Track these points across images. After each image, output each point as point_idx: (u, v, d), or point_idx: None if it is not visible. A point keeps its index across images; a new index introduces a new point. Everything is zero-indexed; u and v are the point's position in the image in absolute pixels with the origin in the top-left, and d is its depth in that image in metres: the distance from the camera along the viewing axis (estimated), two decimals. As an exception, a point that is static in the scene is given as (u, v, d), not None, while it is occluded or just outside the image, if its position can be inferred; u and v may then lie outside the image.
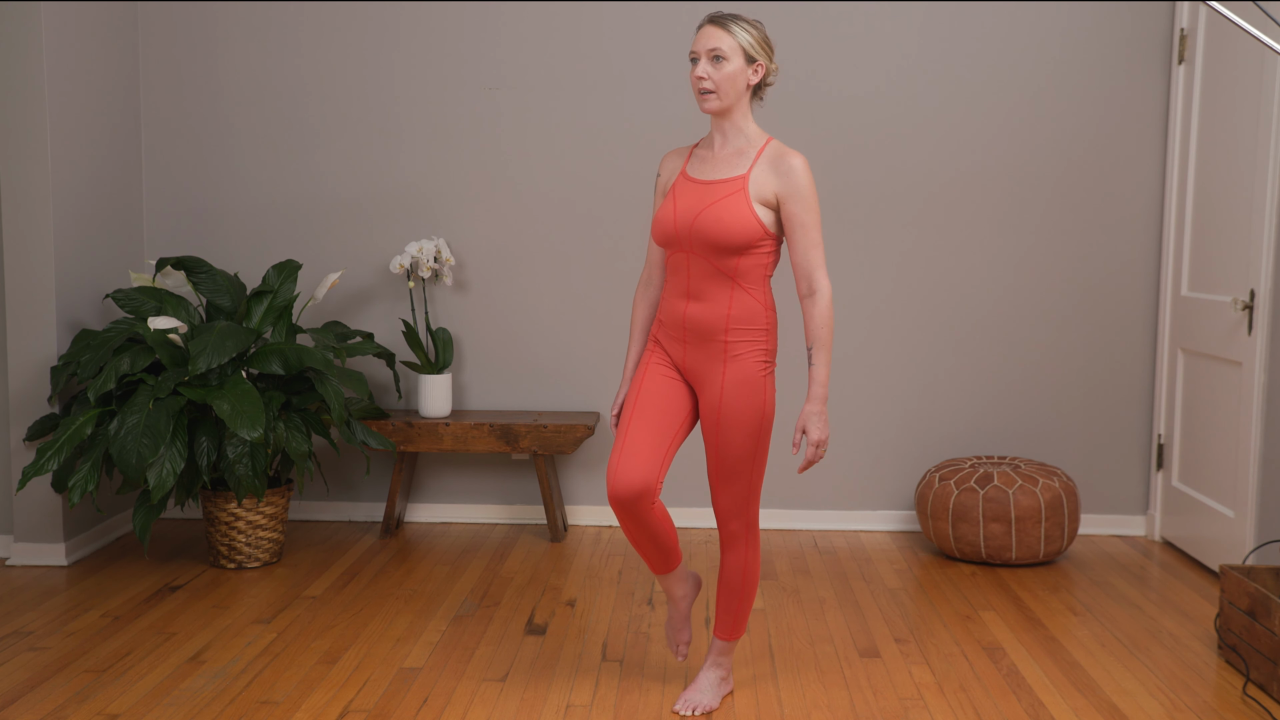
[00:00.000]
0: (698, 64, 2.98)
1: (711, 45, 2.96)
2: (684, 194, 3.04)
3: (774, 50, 3.06)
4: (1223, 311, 4.40)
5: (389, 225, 5.09)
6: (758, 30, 3.01)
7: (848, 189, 4.98)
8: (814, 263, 2.98)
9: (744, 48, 2.97)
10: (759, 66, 2.99)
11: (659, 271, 3.22)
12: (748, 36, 2.97)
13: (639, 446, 3.01)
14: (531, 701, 3.23)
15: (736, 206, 2.95)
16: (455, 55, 5.01)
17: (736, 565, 3.13)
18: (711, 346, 3.03)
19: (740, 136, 3.04)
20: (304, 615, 3.93)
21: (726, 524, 3.10)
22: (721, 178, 3.01)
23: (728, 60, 2.96)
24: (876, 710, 3.20)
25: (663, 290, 3.15)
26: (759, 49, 2.99)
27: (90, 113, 4.66)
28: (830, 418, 5.05)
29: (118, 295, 4.40)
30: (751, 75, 2.99)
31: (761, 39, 3.00)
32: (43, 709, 3.15)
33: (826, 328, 2.98)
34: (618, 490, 2.98)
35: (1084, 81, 4.89)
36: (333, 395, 4.34)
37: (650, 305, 3.24)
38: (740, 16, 3.01)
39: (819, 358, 2.97)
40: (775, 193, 2.98)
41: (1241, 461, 4.22)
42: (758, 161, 3.00)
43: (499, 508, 5.17)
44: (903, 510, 5.10)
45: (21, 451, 4.46)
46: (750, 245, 2.96)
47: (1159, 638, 3.78)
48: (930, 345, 5.03)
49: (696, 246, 2.99)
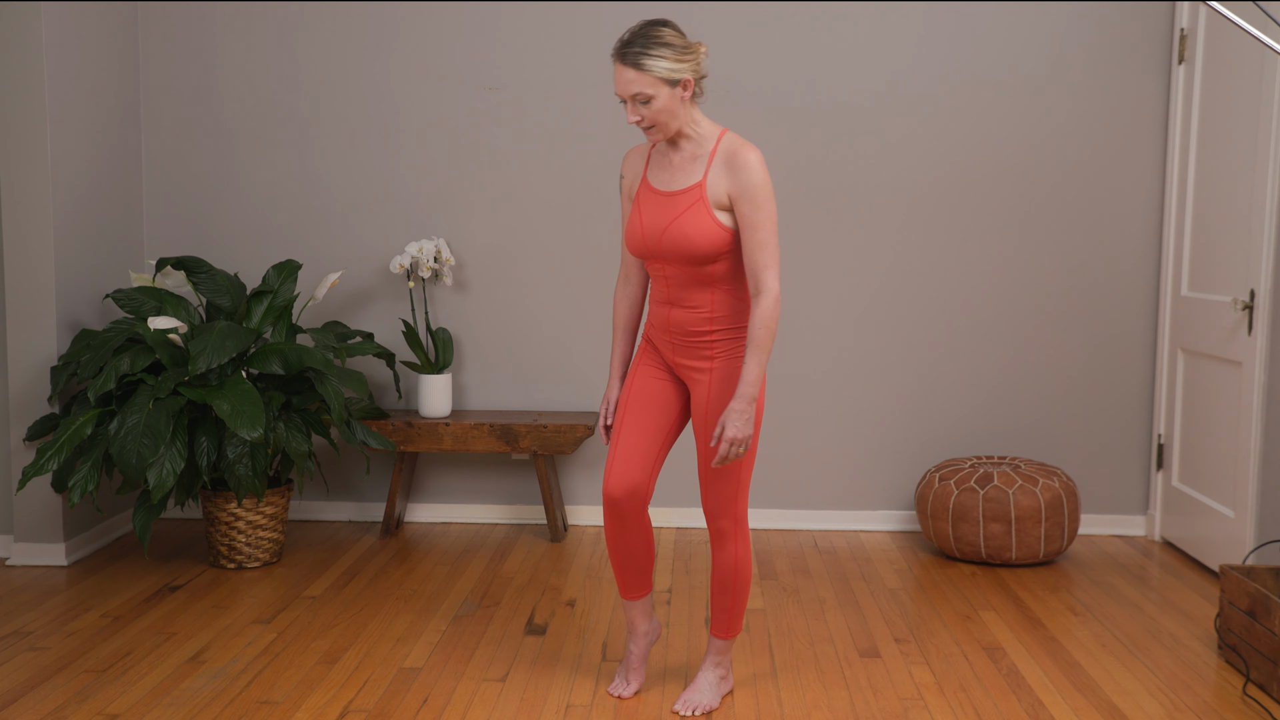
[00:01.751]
0: (628, 105, 2.91)
1: (633, 90, 2.87)
2: (648, 207, 3.02)
3: (695, 51, 2.91)
4: (1223, 311, 4.40)
5: (389, 225, 5.09)
6: (671, 46, 2.86)
7: (848, 190, 4.98)
8: (762, 263, 2.91)
9: (664, 77, 2.85)
10: (686, 81, 2.88)
11: (636, 270, 3.21)
12: (663, 64, 2.85)
13: (633, 448, 3.08)
14: (531, 701, 3.23)
15: (698, 219, 2.94)
16: (455, 55, 5.01)
17: (727, 562, 3.13)
18: (699, 346, 3.05)
19: (693, 142, 2.99)
20: (304, 615, 3.93)
21: (715, 521, 3.10)
22: (680, 188, 2.98)
23: (654, 97, 2.87)
24: (876, 710, 3.20)
25: (648, 293, 3.15)
26: (679, 66, 2.86)
27: (90, 113, 4.67)
28: (831, 417, 5.06)
29: (118, 295, 4.40)
30: (683, 93, 2.90)
31: (678, 53, 2.87)
32: (43, 709, 3.15)
33: (765, 329, 2.91)
34: (612, 490, 3.06)
35: (1084, 81, 4.90)
36: (333, 395, 4.34)
37: (630, 303, 3.22)
38: (650, 37, 2.86)
39: (752, 358, 2.91)
40: (727, 193, 2.94)
41: (1241, 461, 4.22)
42: (712, 163, 2.96)
43: (499, 508, 5.17)
44: (903, 510, 5.10)
45: (21, 451, 4.46)
46: (721, 252, 2.97)
47: (1159, 638, 3.78)
48: (930, 345, 5.03)
49: (670, 258, 3.00)
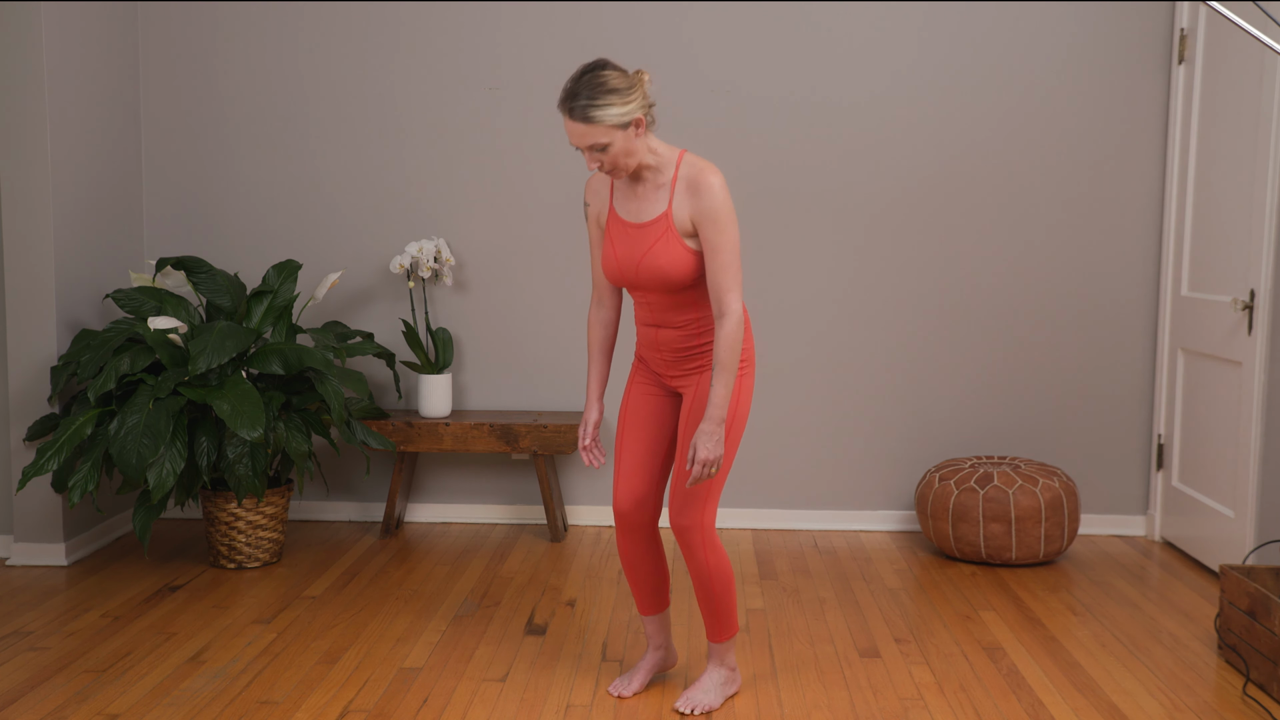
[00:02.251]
0: (583, 154, 2.91)
1: (586, 142, 2.86)
2: (619, 239, 3.03)
3: (639, 87, 2.87)
4: (1223, 311, 4.40)
5: (389, 225, 5.09)
6: (616, 91, 2.83)
7: (849, 191, 4.98)
8: (724, 285, 2.92)
9: (615, 124, 2.84)
10: (637, 120, 2.87)
11: (608, 294, 3.21)
12: (612, 111, 2.83)
13: (637, 462, 3.14)
14: (531, 701, 3.23)
15: (669, 250, 2.95)
16: (455, 55, 5.01)
17: (700, 571, 3.12)
18: (688, 359, 3.10)
19: (654, 170, 2.99)
20: (304, 615, 3.93)
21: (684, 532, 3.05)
22: (648, 219, 2.98)
23: (609, 143, 2.86)
24: (876, 710, 3.20)
25: (633, 314, 3.17)
26: (628, 110, 2.84)
27: (90, 113, 4.66)
28: (831, 417, 5.06)
29: (118, 295, 4.40)
30: (635, 131, 2.88)
31: (624, 98, 2.84)
32: (43, 709, 3.15)
33: (730, 351, 2.93)
34: (621, 502, 3.12)
35: (1084, 81, 4.90)
36: (333, 395, 4.34)
37: (604, 325, 3.23)
38: (595, 87, 2.83)
39: (719, 380, 2.93)
40: (690, 217, 2.95)
41: (1241, 461, 4.22)
42: (675, 190, 2.96)
43: (499, 508, 5.16)
44: (903, 510, 5.10)
45: (21, 451, 4.46)
46: (696, 277, 2.99)
47: (1159, 638, 3.78)
48: (930, 345, 5.03)
49: (648, 287, 3.03)
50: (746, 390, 3.08)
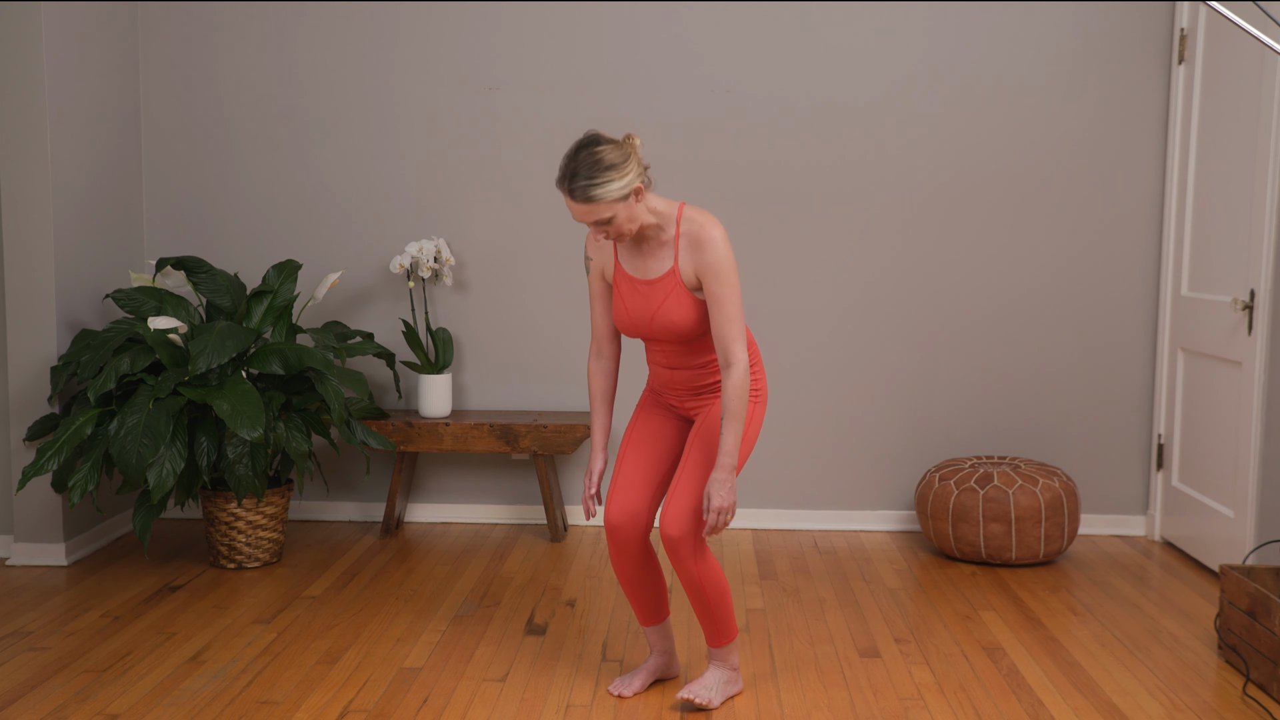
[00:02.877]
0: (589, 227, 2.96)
1: (590, 220, 2.90)
2: (629, 294, 3.08)
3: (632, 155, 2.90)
4: (1223, 311, 4.40)
5: (389, 225, 5.09)
6: (613, 167, 2.86)
7: (849, 191, 4.98)
8: (730, 336, 2.97)
9: (616, 199, 2.88)
10: (637, 189, 2.90)
11: (608, 344, 3.25)
12: (612, 187, 2.86)
13: (633, 477, 3.15)
14: (531, 701, 3.23)
15: (681, 305, 3.02)
16: (455, 55, 5.01)
17: (692, 582, 3.11)
18: (704, 393, 3.16)
19: (654, 229, 3.03)
20: (304, 615, 3.93)
21: (674, 544, 3.04)
22: (655, 276, 3.04)
23: (613, 215, 2.90)
24: (876, 710, 3.20)
25: (647, 357, 3.23)
26: (627, 182, 2.88)
27: (90, 113, 4.66)
28: (831, 417, 5.06)
29: (118, 295, 4.40)
30: (635, 199, 2.92)
31: (621, 172, 2.87)
32: (43, 709, 3.15)
33: (739, 400, 2.96)
34: (612, 516, 3.12)
35: (1084, 81, 4.89)
36: (333, 395, 4.34)
37: (605, 376, 3.25)
38: (593, 165, 2.85)
39: (729, 429, 2.97)
40: (694, 272, 3.00)
41: (1241, 461, 4.22)
42: (679, 246, 3.01)
43: (499, 508, 5.16)
44: (903, 510, 5.10)
45: (21, 451, 4.46)
46: (708, 327, 3.06)
47: (1159, 638, 3.78)
48: (930, 345, 5.03)
49: (662, 339, 3.10)
50: (756, 419, 3.15)
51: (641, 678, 3.29)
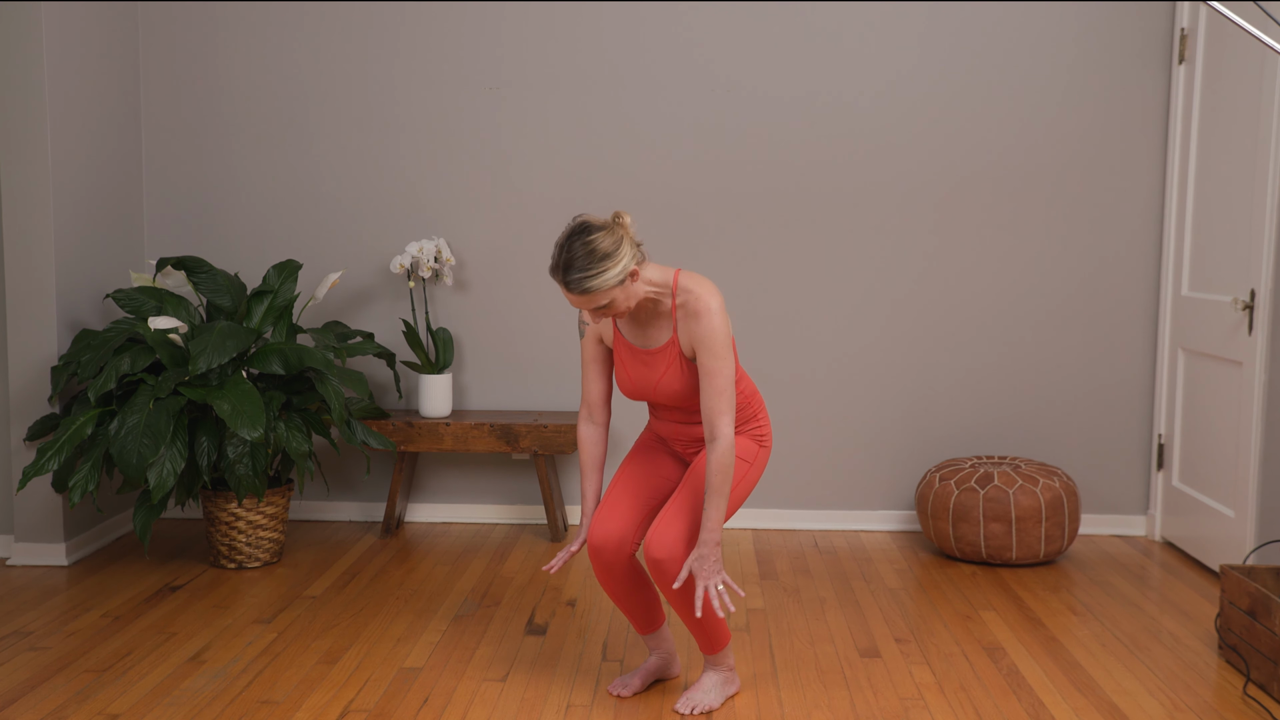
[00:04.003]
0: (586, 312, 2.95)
1: (589, 308, 2.89)
2: (630, 363, 3.09)
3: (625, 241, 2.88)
4: (1223, 311, 4.40)
5: (389, 225, 5.09)
6: (607, 256, 2.85)
7: (849, 192, 4.98)
8: (717, 409, 2.94)
9: (612, 286, 2.86)
10: (632, 272, 2.89)
11: (599, 410, 3.22)
12: (609, 277, 2.85)
13: (619, 500, 3.15)
14: (532, 701, 3.23)
15: (682, 375, 3.03)
16: (455, 55, 5.01)
17: (676, 603, 3.10)
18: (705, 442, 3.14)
19: (650, 301, 3.02)
20: (304, 615, 3.93)
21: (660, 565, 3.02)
22: (655, 347, 3.04)
23: (612, 300, 2.89)
24: (877, 710, 3.20)
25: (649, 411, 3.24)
26: (622, 269, 2.86)
27: (90, 113, 4.66)
28: (831, 417, 5.06)
29: (118, 295, 4.40)
30: (631, 280, 2.90)
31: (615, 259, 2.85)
32: (43, 709, 3.15)
33: (723, 475, 2.94)
34: (594, 538, 3.13)
35: (1084, 81, 4.90)
36: (333, 395, 4.34)
37: (595, 442, 3.23)
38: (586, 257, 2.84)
39: (712, 505, 2.94)
40: (689, 344, 2.99)
41: (1241, 461, 4.22)
42: (677, 317, 2.99)
43: (499, 508, 5.16)
44: (903, 510, 5.10)
45: (22, 451, 4.46)
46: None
47: (1159, 638, 3.78)
48: (931, 345, 5.03)
49: (666, 404, 3.12)
50: (761, 462, 3.16)
51: (641, 678, 3.29)
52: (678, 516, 3.03)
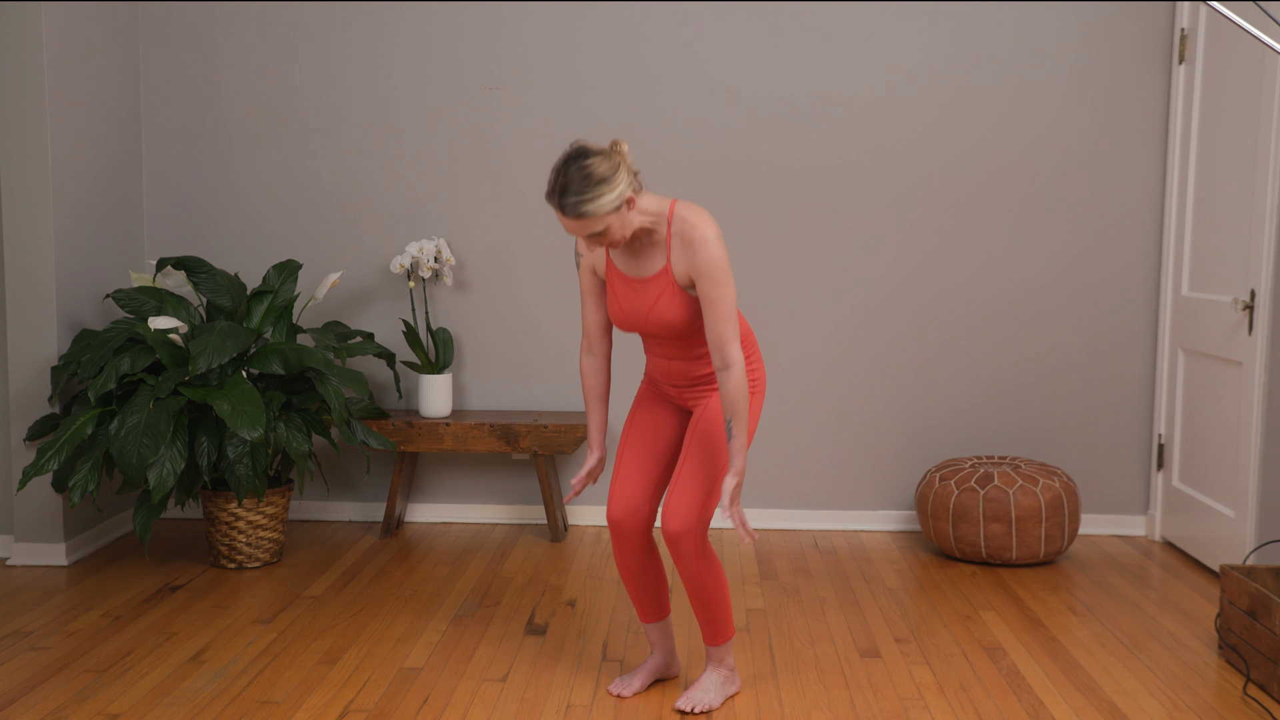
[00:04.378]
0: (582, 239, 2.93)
1: (584, 234, 2.86)
2: (622, 292, 3.06)
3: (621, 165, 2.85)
4: (1223, 311, 4.40)
5: (389, 225, 5.09)
6: (604, 181, 2.82)
7: (849, 191, 4.98)
8: (725, 337, 2.93)
9: (608, 212, 2.84)
10: (629, 198, 2.86)
11: (599, 341, 3.23)
12: (604, 202, 2.82)
13: (633, 471, 3.16)
14: (532, 701, 3.23)
15: (674, 304, 2.99)
16: (455, 55, 5.01)
17: (693, 578, 3.11)
18: (701, 382, 3.15)
19: (646, 231, 3.00)
20: (304, 615, 3.93)
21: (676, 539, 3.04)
22: (648, 275, 3.01)
23: (607, 227, 2.87)
24: (877, 710, 3.20)
25: (644, 347, 3.20)
26: (619, 194, 2.83)
27: (90, 113, 4.66)
28: (832, 417, 5.06)
29: (118, 295, 4.40)
30: (628, 208, 2.88)
31: (611, 184, 2.82)
32: (43, 709, 3.15)
33: (741, 399, 2.94)
34: (613, 511, 3.13)
35: (1084, 81, 4.90)
36: (333, 395, 4.34)
37: (597, 373, 3.24)
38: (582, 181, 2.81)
39: (737, 427, 2.95)
40: (687, 272, 2.97)
41: (1242, 461, 4.22)
42: (671, 245, 2.97)
43: (499, 508, 5.16)
44: (903, 510, 5.10)
45: (22, 451, 4.46)
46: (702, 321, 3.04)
47: (1159, 638, 3.78)
48: (931, 345, 5.03)
49: (657, 335, 3.08)
50: (756, 409, 3.15)
51: (641, 678, 3.29)
52: (687, 485, 3.05)
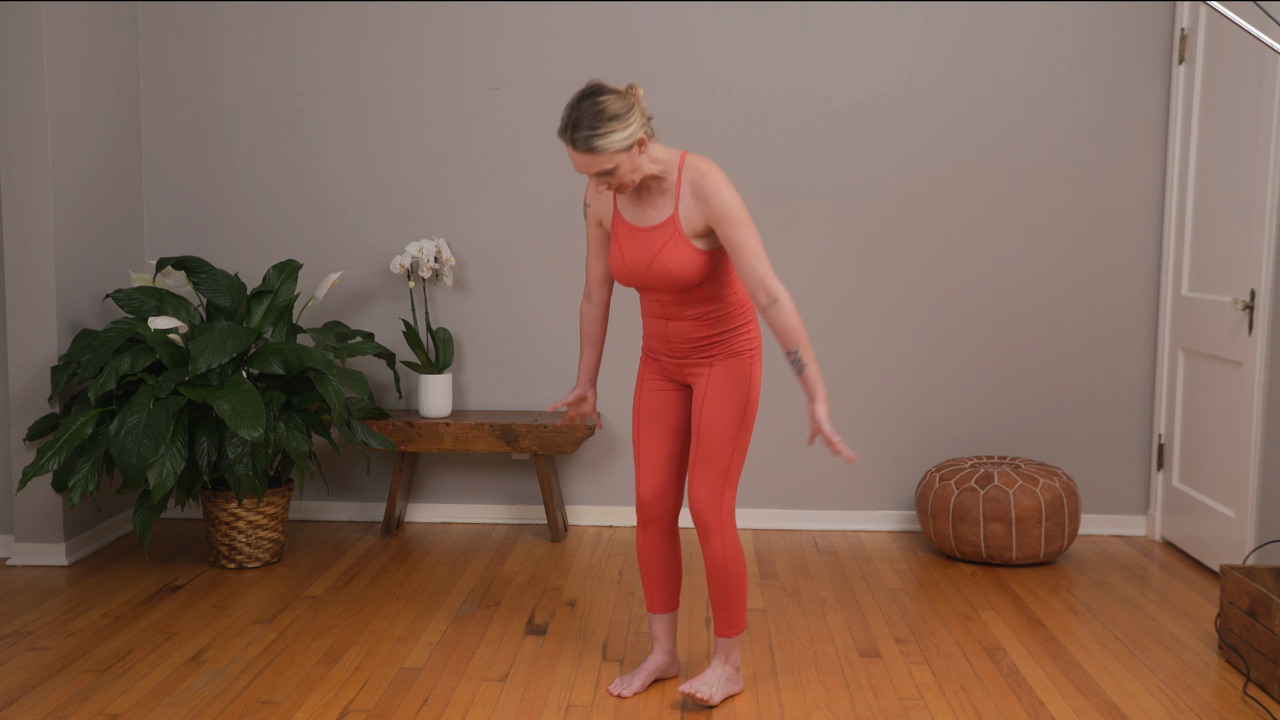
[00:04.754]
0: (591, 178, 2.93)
1: (593, 170, 2.88)
2: (626, 242, 3.06)
3: (636, 106, 2.88)
4: (1223, 311, 4.40)
5: (389, 225, 5.09)
6: (616, 118, 2.84)
7: (848, 190, 4.98)
8: (761, 274, 2.94)
9: (619, 150, 2.85)
10: (640, 140, 2.88)
11: (599, 290, 3.27)
12: (615, 139, 2.84)
13: (656, 456, 3.21)
14: (531, 701, 3.23)
15: (678, 253, 2.98)
16: (455, 55, 5.01)
17: (716, 558, 3.15)
18: (699, 349, 3.13)
19: (655, 180, 3.01)
20: (304, 615, 3.93)
21: (700, 515, 3.12)
22: (654, 224, 3.01)
23: (616, 166, 2.88)
24: (877, 710, 3.20)
25: (642, 309, 3.21)
26: (630, 133, 2.85)
27: (91, 113, 4.67)
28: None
29: (118, 295, 4.40)
30: (639, 150, 2.89)
31: (624, 122, 2.84)
32: (43, 709, 3.15)
33: (798, 328, 2.94)
34: (643, 493, 3.20)
35: (1084, 81, 4.90)
36: (333, 395, 4.34)
37: (594, 320, 3.30)
38: (596, 115, 2.83)
39: (805, 356, 2.96)
40: (704, 222, 2.97)
41: (1241, 461, 4.22)
42: (680, 193, 2.98)
43: (499, 508, 5.17)
44: (903, 510, 5.10)
45: (22, 451, 4.46)
46: (704, 276, 3.03)
47: (1159, 638, 3.78)
48: (931, 345, 5.03)
49: (657, 288, 3.07)
50: (756, 378, 3.13)
51: (641, 677, 3.29)
52: (705, 473, 3.09)
